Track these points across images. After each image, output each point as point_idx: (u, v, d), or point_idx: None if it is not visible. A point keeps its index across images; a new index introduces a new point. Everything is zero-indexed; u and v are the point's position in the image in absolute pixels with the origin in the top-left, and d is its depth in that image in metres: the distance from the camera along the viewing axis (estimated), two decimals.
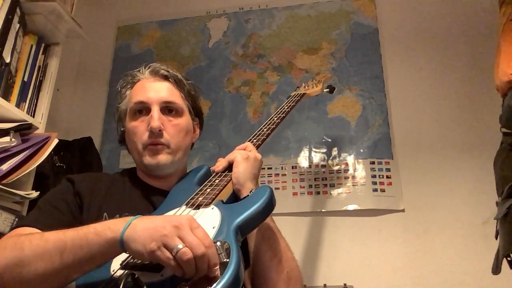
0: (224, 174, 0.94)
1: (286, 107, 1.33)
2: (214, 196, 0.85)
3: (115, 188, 0.98)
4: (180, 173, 1.04)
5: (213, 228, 0.71)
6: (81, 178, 0.97)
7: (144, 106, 0.97)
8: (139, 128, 0.96)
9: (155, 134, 0.94)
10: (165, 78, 1.02)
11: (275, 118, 1.23)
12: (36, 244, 0.66)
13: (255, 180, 0.93)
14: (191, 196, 0.86)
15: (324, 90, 1.67)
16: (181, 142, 0.99)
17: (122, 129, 1.04)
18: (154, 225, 0.62)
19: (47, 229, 0.73)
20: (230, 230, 0.69)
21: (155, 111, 0.95)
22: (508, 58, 1.26)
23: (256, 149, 1.02)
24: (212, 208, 0.79)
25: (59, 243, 0.65)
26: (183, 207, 0.83)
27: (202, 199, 0.83)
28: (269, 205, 0.78)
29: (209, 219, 0.75)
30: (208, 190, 0.87)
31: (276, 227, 0.92)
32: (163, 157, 0.95)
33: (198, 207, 0.81)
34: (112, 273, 0.64)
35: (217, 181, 0.91)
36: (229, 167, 0.95)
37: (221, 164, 0.97)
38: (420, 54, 2.05)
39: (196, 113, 1.07)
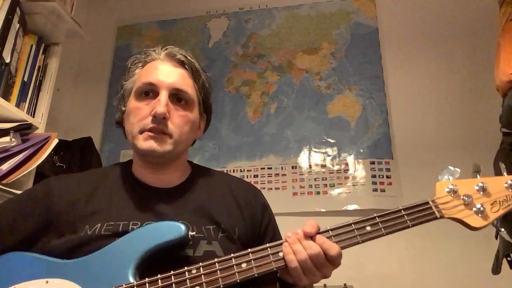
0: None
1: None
2: None
3: (101, 190, 0.88)
4: (180, 169, 0.95)
5: None
6: (60, 187, 0.88)
7: (152, 89, 0.88)
8: (142, 111, 0.86)
9: (158, 120, 0.84)
10: (181, 64, 0.91)
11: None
12: None
13: None
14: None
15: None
16: (185, 135, 0.89)
17: (123, 108, 0.93)
18: None
19: None
20: None
21: (163, 96, 0.85)
22: (508, 58, 1.26)
23: None
24: None
25: None
26: None
27: None
28: None
29: None
30: None
31: None
32: (162, 146, 0.85)
33: None
34: None
35: None
36: None
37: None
38: (420, 54, 2.05)
39: (206, 109, 0.98)
